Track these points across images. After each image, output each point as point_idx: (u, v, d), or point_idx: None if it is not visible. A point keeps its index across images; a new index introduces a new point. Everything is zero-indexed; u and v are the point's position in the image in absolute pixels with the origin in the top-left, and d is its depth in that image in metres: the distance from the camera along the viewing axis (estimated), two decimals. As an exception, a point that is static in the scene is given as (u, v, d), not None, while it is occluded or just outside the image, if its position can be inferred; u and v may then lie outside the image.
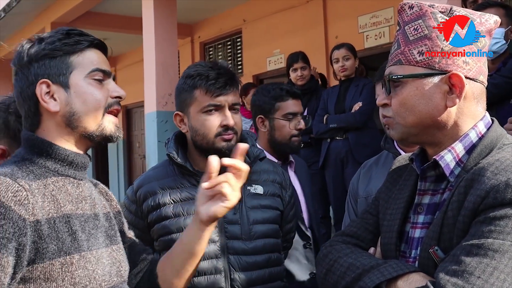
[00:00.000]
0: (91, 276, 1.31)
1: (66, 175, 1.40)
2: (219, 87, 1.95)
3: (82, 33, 1.44)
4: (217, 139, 1.98)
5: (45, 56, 1.39)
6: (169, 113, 6.33)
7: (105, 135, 1.44)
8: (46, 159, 1.38)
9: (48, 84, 1.38)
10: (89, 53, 1.44)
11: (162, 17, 6.54)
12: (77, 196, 1.39)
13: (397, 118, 1.33)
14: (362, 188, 2.19)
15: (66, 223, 1.30)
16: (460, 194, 1.20)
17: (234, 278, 1.96)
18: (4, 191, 1.20)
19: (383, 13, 6.93)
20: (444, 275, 1.11)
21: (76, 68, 1.40)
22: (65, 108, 1.39)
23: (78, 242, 1.31)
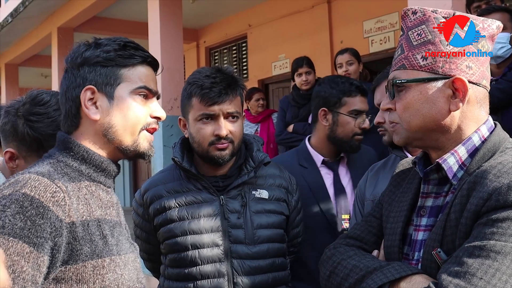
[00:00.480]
0: (119, 280, 1.33)
1: (98, 181, 1.42)
2: (212, 96, 1.96)
3: (138, 47, 1.45)
4: (210, 148, 2.00)
5: (97, 63, 1.40)
6: (174, 117, 6.31)
7: (139, 152, 1.45)
8: (81, 163, 1.39)
9: (94, 91, 1.39)
10: (140, 69, 1.44)
11: (168, 22, 6.57)
12: (106, 202, 1.42)
13: (402, 122, 1.35)
14: (369, 191, 2.20)
15: (98, 227, 1.33)
16: (463, 197, 1.21)
17: (237, 282, 1.97)
18: (43, 191, 1.22)
19: (388, 17, 6.94)
20: (446, 276, 1.12)
21: (124, 82, 1.41)
22: (105, 118, 1.40)
23: (109, 246, 1.33)
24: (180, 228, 2.00)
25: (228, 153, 2.00)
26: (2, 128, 1.88)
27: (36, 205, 1.19)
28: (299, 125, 4.74)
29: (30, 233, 1.17)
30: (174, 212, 2.03)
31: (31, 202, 1.19)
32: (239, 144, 2.05)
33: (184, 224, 2.01)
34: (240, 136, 2.04)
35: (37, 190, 1.21)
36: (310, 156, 2.56)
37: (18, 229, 1.16)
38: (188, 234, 1.99)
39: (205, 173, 2.07)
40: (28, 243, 1.16)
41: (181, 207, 2.03)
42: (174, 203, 2.04)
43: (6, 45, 11.35)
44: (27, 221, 1.17)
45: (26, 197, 1.19)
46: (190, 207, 2.03)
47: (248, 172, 2.05)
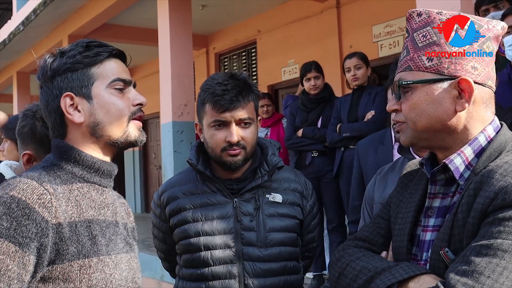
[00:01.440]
0: (108, 280, 1.36)
1: (92, 182, 1.46)
2: (223, 103, 1.98)
3: (101, 44, 1.49)
4: (223, 154, 2.02)
5: (67, 70, 1.44)
6: (184, 123, 6.39)
7: (130, 141, 1.49)
8: (74, 165, 1.44)
9: (72, 97, 1.44)
10: (109, 64, 1.48)
11: (178, 29, 6.61)
12: (100, 202, 1.45)
13: (408, 123, 1.35)
14: (378, 194, 2.20)
15: (87, 227, 1.35)
16: (470, 197, 1.22)
17: (248, 283, 1.99)
18: (30, 193, 1.26)
19: (397, 22, 6.94)
20: (454, 275, 1.12)
21: (97, 79, 1.45)
22: (89, 119, 1.45)
23: (98, 246, 1.36)
24: (193, 229, 2.04)
25: (240, 159, 2.02)
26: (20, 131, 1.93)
27: (22, 206, 1.23)
28: (308, 129, 4.75)
29: (15, 233, 1.21)
30: (188, 213, 2.06)
31: (18, 203, 1.23)
32: (252, 149, 2.07)
33: (198, 225, 2.04)
34: (252, 141, 2.05)
35: (24, 192, 1.26)
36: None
37: (4, 229, 1.20)
38: (201, 235, 2.02)
39: (220, 176, 2.10)
40: (14, 242, 1.21)
41: (195, 208, 2.07)
42: (189, 204, 2.08)
43: (17, 53, 11.46)
44: (13, 221, 1.21)
45: (13, 199, 1.24)
46: (204, 208, 2.06)
47: (262, 176, 2.07)
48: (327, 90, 4.88)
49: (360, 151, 2.76)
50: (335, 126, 4.43)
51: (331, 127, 4.49)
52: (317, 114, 4.79)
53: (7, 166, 2.26)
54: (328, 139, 4.49)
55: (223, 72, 2.14)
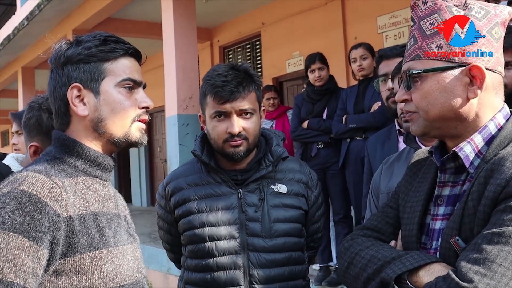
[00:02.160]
0: (118, 271, 1.37)
1: (94, 175, 1.46)
2: (223, 95, 1.98)
3: (119, 40, 1.48)
4: (225, 145, 2.02)
5: (80, 61, 1.43)
6: (189, 116, 6.38)
7: (131, 141, 1.49)
8: (76, 159, 1.43)
9: (80, 89, 1.43)
10: (123, 61, 1.47)
11: (182, 22, 6.59)
12: (103, 195, 1.45)
13: (420, 112, 1.34)
14: (384, 183, 2.19)
15: (94, 220, 1.36)
16: (480, 185, 1.21)
17: (252, 274, 1.99)
18: (40, 187, 1.26)
19: (402, 13, 6.90)
20: (465, 263, 1.12)
21: (108, 76, 1.44)
22: (94, 114, 1.44)
23: (106, 238, 1.37)
24: (198, 220, 2.04)
25: (242, 149, 2.02)
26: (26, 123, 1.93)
27: (34, 201, 1.23)
28: (313, 121, 4.74)
29: (29, 228, 1.21)
30: (193, 204, 2.07)
31: (29, 198, 1.23)
32: (255, 140, 2.07)
33: (203, 216, 2.04)
34: (255, 132, 2.05)
35: (34, 186, 1.25)
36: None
37: (17, 224, 1.20)
38: (206, 226, 2.03)
39: (224, 167, 2.10)
40: (28, 237, 1.20)
41: (200, 199, 2.07)
42: (194, 195, 2.08)
43: (22, 48, 11.47)
44: (26, 216, 1.21)
45: (24, 194, 1.23)
46: (208, 199, 2.06)
47: (266, 167, 2.08)
48: (332, 82, 4.87)
49: (369, 147, 2.77)
50: (341, 117, 4.42)
51: (337, 119, 4.47)
52: (322, 105, 4.78)
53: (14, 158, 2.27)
54: (334, 130, 4.48)
55: (224, 64, 2.14)
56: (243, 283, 1.99)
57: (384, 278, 1.26)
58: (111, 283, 1.34)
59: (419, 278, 1.22)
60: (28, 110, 1.96)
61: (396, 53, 2.55)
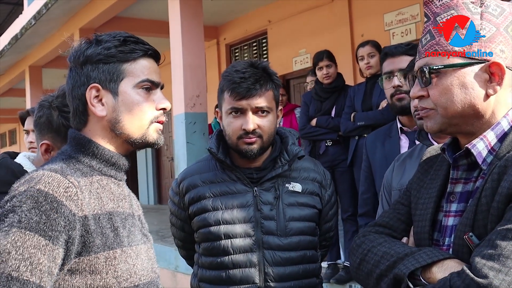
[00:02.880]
0: (132, 270, 1.37)
1: (109, 175, 1.46)
2: (240, 91, 1.98)
3: (138, 41, 1.48)
4: (239, 142, 2.03)
5: (99, 61, 1.43)
6: (197, 114, 6.39)
7: (148, 142, 1.49)
8: (92, 158, 1.44)
9: (98, 89, 1.43)
10: (142, 62, 1.47)
11: (189, 20, 6.60)
12: (118, 195, 1.45)
13: (438, 108, 1.33)
14: (396, 180, 2.19)
15: (109, 219, 1.36)
16: (494, 181, 1.21)
17: (267, 272, 2.00)
18: (56, 186, 1.26)
19: (409, 10, 6.89)
20: (480, 259, 1.12)
21: (127, 77, 1.44)
22: (112, 114, 1.44)
23: (120, 238, 1.37)
24: (213, 218, 2.04)
25: (256, 147, 2.02)
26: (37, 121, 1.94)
27: (50, 200, 1.24)
28: (322, 118, 4.74)
29: (45, 227, 1.21)
30: (208, 202, 2.07)
31: (46, 197, 1.23)
32: (270, 138, 2.07)
33: (218, 214, 2.05)
34: (269, 131, 2.05)
35: (51, 185, 1.26)
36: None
37: (34, 223, 1.20)
38: (221, 224, 2.03)
39: (240, 165, 2.11)
40: (44, 236, 1.21)
41: (215, 197, 2.07)
42: (209, 193, 2.09)
43: (29, 47, 11.51)
44: (42, 215, 1.22)
45: (41, 193, 1.24)
46: (224, 197, 2.07)
47: (282, 165, 2.08)
48: (340, 79, 4.86)
49: (368, 145, 2.77)
50: (349, 115, 4.41)
51: (345, 116, 4.46)
52: (331, 103, 4.77)
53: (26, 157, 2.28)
54: (342, 128, 4.47)
55: (244, 61, 2.14)
56: (258, 281, 2.00)
57: (398, 274, 1.26)
58: (125, 282, 1.35)
59: (433, 274, 1.23)
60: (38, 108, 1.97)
61: (401, 51, 2.55)
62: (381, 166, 2.53)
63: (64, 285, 1.27)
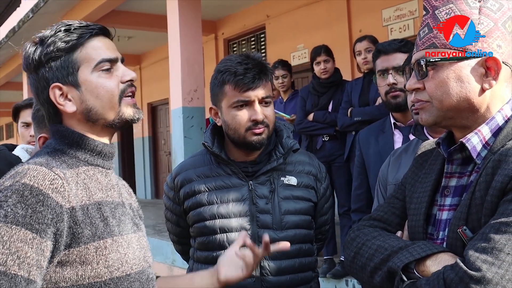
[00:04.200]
0: (123, 260, 1.36)
1: (96, 164, 1.44)
2: (247, 82, 1.97)
3: (81, 25, 1.43)
4: (247, 134, 2.01)
5: (49, 60, 1.39)
6: (194, 109, 6.39)
7: (126, 120, 1.45)
8: (77, 149, 1.42)
9: (60, 87, 1.40)
10: (91, 44, 1.42)
11: (187, 14, 6.59)
12: (106, 184, 1.44)
13: (434, 101, 1.34)
14: (391, 175, 2.20)
15: (98, 209, 1.35)
16: (488, 175, 1.22)
17: (264, 266, 2.00)
18: (41, 179, 1.25)
19: (407, 5, 6.88)
20: (473, 252, 1.13)
21: (82, 64, 1.40)
22: (81, 106, 1.41)
23: (110, 227, 1.35)
24: (209, 212, 2.04)
25: (264, 137, 2.02)
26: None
27: (36, 193, 1.22)
28: (319, 113, 4.74)
29: (32, 220, 1.20)
30: (203, 196, 2.07)
31: (31, 190, 1.22)
32: (273, 128, 2.08)
33: (213, 208, 2.04)
34: (273, 120, 2.07)
35: (36, 179, 1.24)
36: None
37: (20, 217, 1.19)
38: (216, 218, 2.03)
39: (235, 159, 2.10)
40: (31, 229, 1.20)
41: (210, 191, 2.07)
42: (204, 187, 2.08)
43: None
44: (28, 209, 1.20)
45: (26, 187, 1.22)
46: (219, 191, 2.06)
47: (277, 159, 2.07)
48: (337, 74, 4.86)
49: (362, 140, 2.77)
50: (346, 110, 4.41)
51: (342, 111, 4.47)
52: (328, 98, 4.77)
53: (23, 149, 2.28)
54: (339, 123, 4.48)
55: (236, 54, 2.14)
56: (255, 274, 1.99)
57: (392, 267, 1.27)
58: (117, 272, 1.33)
59: (426, 267, 1.23)
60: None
61: (394, 48, 2.54)
62: (375, 162, 2.54)
63: (55, 277, 1.27)
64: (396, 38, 2.67)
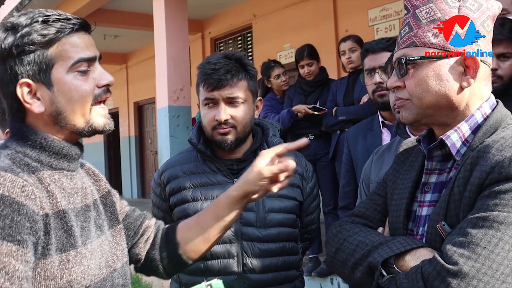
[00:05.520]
0: (86, 272, 1.27)
1: (60, 168, 1.32)
2: (212, 82, 2.00)
3: (60, 17, 1.29)
4: (214, 132, 2.04)
5: (21, 53, 1.25)
6: (180, 108, 6.38)
7: (95, 130, 1.35)
8: (40, 152, 1.29)
9: (29, 84, 1.26)
10: (70, 41, 1.29)
11: (173, 14, 6.58)
12: (71, 189, 1.32)
13: (413, 99, 1.35)
14: (374, 173, 2.22)
15: (62, 218, 1.24)
16: (466, 171, 1.24)
17: (246, 263, 2.01)
18: (11, 187, 1.14)
19: (393, 5, 6.93)
20: (451, 247, 1.14)
21: (57, 62, 1.27)
22: (51, 108, 1.29)
23: (74, 238, 1.26)
24: (193, 209, 2.05)
25: (231, 138, 2.02)
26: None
27: (9, 202, 1.12)
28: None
29: (12, 232, 1.11)
30: (188, 193, 2.08)
31: (3, 200, 1.12)
32: (245, 129, 2.06)
33: (197, 205, 2.05)
34: (243, 121, 2.05)
35: (3, 186, 1.14)
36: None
37: None
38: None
39: (221, 156, 2.11)
40: (13, 241, 1.11)
41: (195, 188, 2.08)
42: (189, 183, 2.09)
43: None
44: (5, 220, 1.11)
45: None
46: (204, 188, 2.07)
47: None
48: (323, 74, 4.88)
49: (350, 138, 2.79)
50: (331, 109, 4.44)
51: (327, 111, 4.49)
52: (315, 97, 4.78)
53: None
54: (324, 122, 4.50)
55: (220, 53, 2.15)
56: (237, 271, 2.00)
57: (371, 263, 1.29)
58: (78, 285, 1.24)
59: (406, 262, 1.25)
60: None
61: (381, 47, 2.56)
62: (363, 159, 2.56)
63: None
64: (384, 37, 2.69)
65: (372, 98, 2.62)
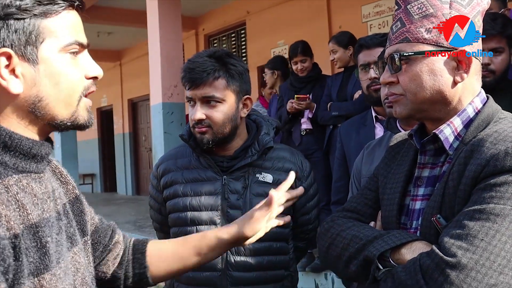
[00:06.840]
0: None
1: (28, 170, 1.10)
2: (186, 81, 2.00)
3: None
4: (194, 130, 2.04)
5: (9, 16, 1.04)
6: (174, 104, 6.38)
7: (78, 124, 1.17)
8: (4, 152, 1.07)
9: (10, 56, 1.05)
10: (67, 17, 1.11)
11: (167, 10, 6.57)
12: (41, 195, 1.11)
13: (407, 94, 1.36)
14: (365, 168, 2.22)
15: (35, 234, 1.04)
16: (460, 165, 1.24)
17: (229, 260, 2.00)
18: None
19: (386, 2, 6.94)
20: (448, 239, 1.15)
21: (50, 37, 1.08)
22: (31, 90, 1.08)
23: (49, 257, 1.06)
24: (182, 204, 2.05)
25: (207, 137, 2.00)
26: None
27: None
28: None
29: None
30: (179, 187, 2.09)
31: None
32: (222, 129, 2.01)
33: (187, 200, 2.05)
34: (220, 121, 2.00)
35: None
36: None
37: None
38: (188, 210, 2.04)
39: (214, 152, 2.10)
40: None
41: (186, 183, 2.08)
42: (181, 178, 2.10)
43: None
44: None
45: None
46: (194, 184, 2.07)
47: (251, 155, 2.06)
48: (315, 70, 4.88)
49: (343, 133, 2.80)
50: (326, 104, 4.45)
51: (322, 105, 4.50)
52: (306, 93, 4.79)
53: None
54: (319, 117, 4.52)
55: (204, 50, 2.12)
56: (221, 269, 1.99)
57: (367, 256, 1.28)
58: None
59: (402, 255, 1.25)
60: None
61: (376, 43, 2.57)
62: (356, 154, 2.56)
63: None
64: (378, 33, 2.70)
65: (366, 93, 2.62)
